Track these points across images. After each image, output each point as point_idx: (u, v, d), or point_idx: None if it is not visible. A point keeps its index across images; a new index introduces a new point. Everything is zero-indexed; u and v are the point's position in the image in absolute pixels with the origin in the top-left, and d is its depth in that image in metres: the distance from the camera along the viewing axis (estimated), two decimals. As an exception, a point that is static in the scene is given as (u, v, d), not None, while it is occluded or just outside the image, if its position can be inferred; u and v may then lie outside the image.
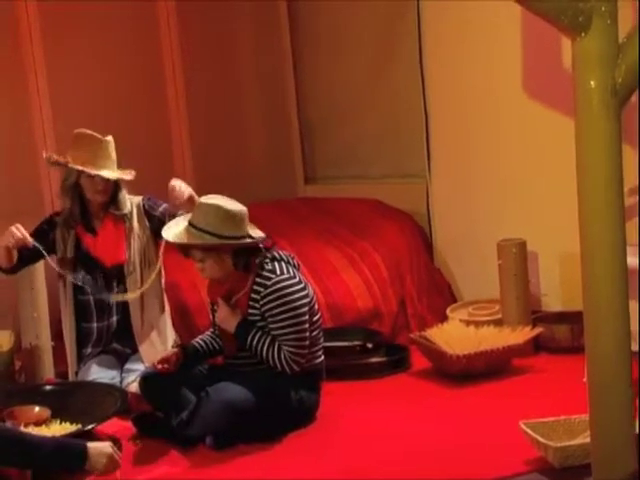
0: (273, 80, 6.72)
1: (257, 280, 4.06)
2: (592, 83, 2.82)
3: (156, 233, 4.53)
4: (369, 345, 4.95)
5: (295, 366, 4.04)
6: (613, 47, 2.82)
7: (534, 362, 4.81)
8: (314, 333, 4.14)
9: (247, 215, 4.09)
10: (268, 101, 6.71)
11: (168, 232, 4.13)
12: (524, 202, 5.30)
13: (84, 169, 4.49)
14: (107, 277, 4.65)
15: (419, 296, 5.59)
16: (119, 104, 5.96)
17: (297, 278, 4.09)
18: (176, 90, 6.24)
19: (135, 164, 4.67)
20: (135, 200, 4.71)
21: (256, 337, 4.03)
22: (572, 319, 4.81)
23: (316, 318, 4.17)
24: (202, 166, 6.30)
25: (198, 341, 4.33)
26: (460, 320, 5.12)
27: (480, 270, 5.49)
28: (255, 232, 4.12)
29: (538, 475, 3.46)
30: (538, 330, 4.89)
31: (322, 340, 4.23)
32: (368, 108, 6.30)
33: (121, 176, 4.57)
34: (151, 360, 4.34)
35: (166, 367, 4.13)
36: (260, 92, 6.67)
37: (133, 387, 4.39)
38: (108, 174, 4.51)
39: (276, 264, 4.08)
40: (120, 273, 4.64)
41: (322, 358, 4.22)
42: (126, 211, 4.66)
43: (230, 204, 4.06)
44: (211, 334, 4.35)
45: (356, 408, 4.35)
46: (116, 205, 4.64)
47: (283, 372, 4.03)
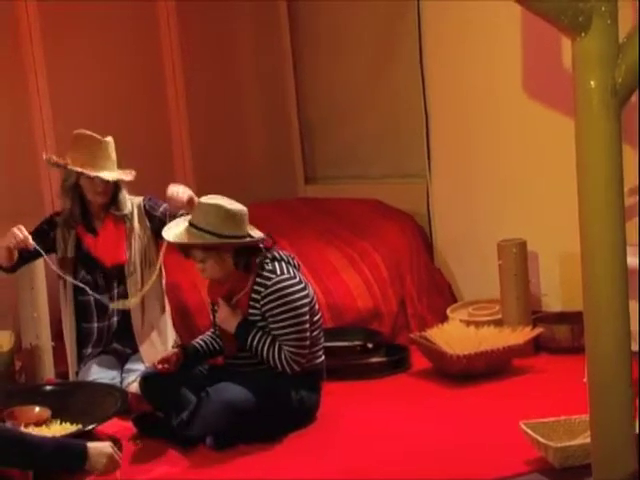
0: (273, 80, 6.72)
1: (257, 280, 4.06)
2: (592, 83, 2.82)
3: (157, 233, 4.52)
4: (369, 345, 4.94)
5: (295, 366, 4.03)
6: (613, 47, 2.82)
7: (534, 362, 4.81)
8: (314, 333, 4.14)
9: (247, 215, 4.09)
10: (268, 101, 6.71)
11: (168, 232, 4.13)
12: (524, 202, 5.29)
13: (83, 171, 4.49)
14: (107, 277, 4.65)
15: (419, 296, 5.59)
16: (119, 104, 5.96)
17: (297, 278, 4.09)
18: (176, 90, 6.24)
19: (135, 164, 4.67)
20: (136, 200, 4.70)
21: (256, 337, 4.03)
22: (572, 319, 4.81)
23: (316, 318, 4.17)
24: (202, 166, 6.30)
25: (198, 341, 4.33)
26: (460, 320, 5.12)
27: (480, 270, 5.49)
28: (255, 232, 4.12)
29: (538, 475, 3.46)
30: (538, 330, 4.89)
31: (322, 340, 4.23)
32: (368, 108, 6.30)
33: (121, 177, 4.56)
34: (151, 360, 4.35)
35: (166, 367, 4.13)
36: (260, 92, 6.66)
37: (133, 387, 4.39)
38: (107, 175, 4.50)
39: (276, 264, 4.08)
40: (120, 273, 4.64)
41: (322, 358, 4.22)
42: (127, 211, 4.65)
43: (230, 204, 4.06)
44: (211, 334, 4.35)
45: (356, 408, 4.35)
46: (116, 206, 4.63)
47: (283, 372, 4.03)
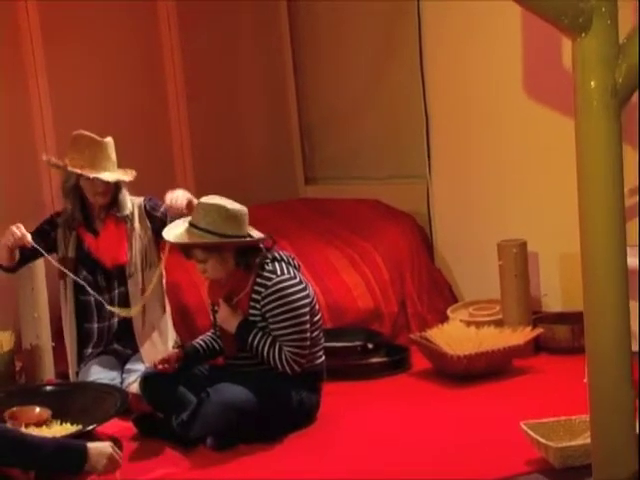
0: (273, 80, 6.71)
1: (258, 281, 4.06)
2: (592, 83, 2.82)
3: (157, 234, 4.52)
4: (370, 345, 4.94)
5: (296, 366, 4.03)
6: (613, 47, 2.82)
7: (534, 362, 4.81)
8: (315, 333, 4.14)
9: (247, 215, 4.09)
10: (268, 101, 6.71)
11: (169, 233, 4.13)
12: (524, 202, 5.30)
13: (82, 172, 4.48)
14: (108, 278, 4.65)
15: (419, 296, 5.59)
16: (119, 104, 5.95)
17: (298, 279, 4.08)
18: (176, 90, 6.23)
19: (135, 165, 4.67)
20: (136, 201, 4.70)
21: (257, 337, 4.03)
22: (572, 319, 4.81)
23: (317, 318, 4.17)
24: (202, 167, 6.30)
25: (199, 342, 4.32)
26: (461, 320, 5.11)
27: (481, 270, 5.49)
28: (254, 233, 4.12)
29: (539, 475, 3.46)
30: (538, 330, 4.89)
31: (323, 340, 4.23)
32: (368, 108, 6.29)
33: (121, 177, 4.56)
34: (152, 361, 4.34)
35: (166, 367, 4.13)
36: (260, 92, 6.66)
37: (134, 388, 4.38)
38: (107, 176, 4.50)
39: (276, 264, 4.08)
40: (121, 274, 4.64)
41: (323, 358, 4.22)
42: (127, 212, 4.65)
43: (230, 204, 4.06)
44: (212, 335, 4.34)
45: (357, 408, 4.35)
46: (117, 206, 4.63)
47: (284, 372, 4.03)
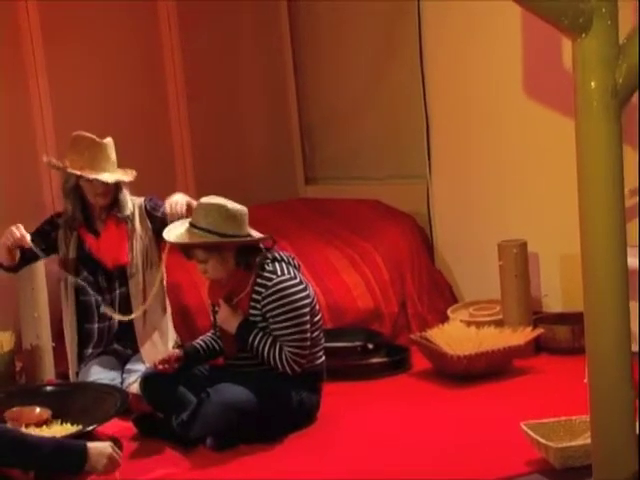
0: (274, 80, 6.71)
1: (258, 281, 4.06)
2: (592, 84, 2.81)
3: (158, 234, 4.50)
4: (370, 346, 4.94)
5: (296, 367, 4.03)
6: (614, 48, 2.82)
7: (535, 363, 4.81)
8: (315, 334, 4.14)
9: (247, 215, 4.09)
10: (269, 101, 6.71)
11: (169, 234, 4.13)
12: (525, 203, 5.30)
13: (82, 174, 4.48)
14: (109, 278, 4.65)
15: (420, 297, 5.59)
16: (120, 104, 5.95)
17: (298, 279, 4.08)
18: (177, 90, 6.23)
19: (136, 165, 4.67)
20: (137, 201, 4.70)
21: (257, 338, 4.03)
22: (573, 320, 4.81)
23: (317, 319, 4.17)
24: (203, 167, 6.30)
25: (199, 342, 4.32)
26: (461, 321, 5.12)
27: (481, 271, 5.49)
28: (254, 233, 4.12)
29: (539, 476, 3.46)
30: (539, 331, 4.89)
31: (323, 341, 4.23)
32: (369, 108, 6.29)
33: (120, 178, 4.56)
34: (153, 361, 4.34)
35: (166, 367, 4.13)
36: (261, 92, 6.66)
37: (134, 388, 4.38)
38: (107, 177, 4.49)
39: (277, 265, 4.08)
40: (122, 275, 4.64)
41: (323, 359, 4.22)
42: (128, 212, 4.65)
43: (231, 203, 4.06)
44: (212, 335, 4.34)
45: (357, 409, 4.35)
46: (118, 207, 4.63)
47: (284, 373, 4.03)
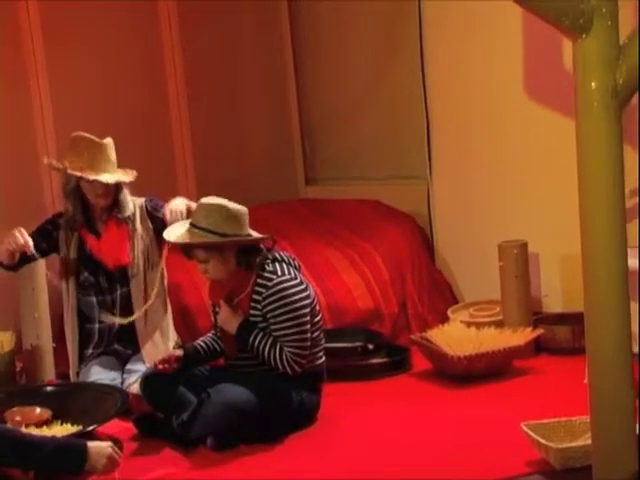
0: (274, 80, 6.71)
1: (258, 281, 4.06)
2: (593, 84, 2.82)
3: (159, 234, 4.51)
4: (370, 346, 4.94)
5: (297, 367, 4.03)
6: (614, 48, 2.82)
7: (535, 363, 4.80)
8: (315, 334, 4.14)
9: (247, 215, 4.09)
10: (269, 102, 6.71)
11: (170, 234, 4.13)
12: (525, 203, 5.30)
13: (82, 175, 4.48)
14: (110, 279, 4.65)
15: (420, 297, 5.58)
16: (120, 105, 5.95)
17: (298, 279, 4.08)
18: (177, 90, 6.23)
19: (136, 165, 4.67)
20: (138, 202, 4.70)
21: (258, 338, 4.03)
22: (573, 320, 4.81)
23: (317, 319, 4.17)
24: (203, 167, 6.30)
25: (199, 343, 4.32)
26: (461, 321, 5.11)
27: (481, 271, 5.49)
28: (254, 234, 4.12)
29: (539, 477, 3.45)
30: (539, 331, 4.89)
31: (323, 341, 4.23)
32: (369, 109, 6.29)
33: (120, 178, 4.56)
34: (153, 361, 4.34)
35: (166, 367, 4.13)
36: (261, 93, 6.66)
37: (134, 388, 4.38)
38: (107, 177, 4.49)
39: (277, 265, 4.08)
40: (123, 275, 4.64)
41: (323, 359, 4.22)
42: (129, 213, 4.65)
43: (231, 204, 4.07)
44: (212, 336, 4.34)
45: (357, 409, 4.35)
46: (118, 207, 4.63)
47: (284, 373, 4.03)
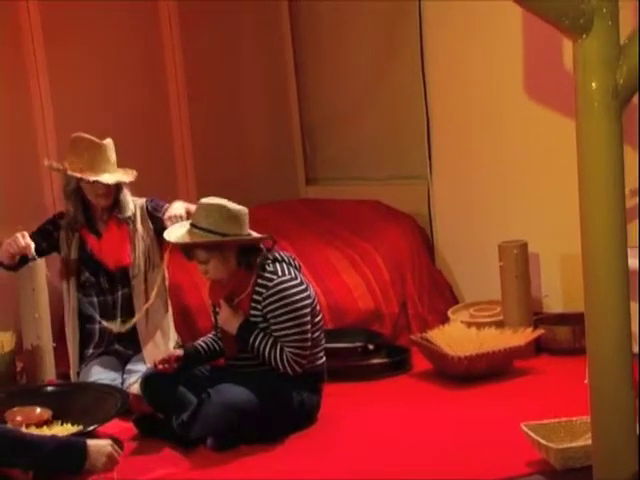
0: (275, 80, 6.71)
1: (259, 281, 4.05)
2: (593, 85, 2.82)
3: (159, 234, 4.51)
4: (370, 346, 4.94)
5: (297, 367, 4.03)
6: (614, 49, 2.82)
7: (535, 364, 4.80)
8: (316, 334, 4.13)
9: (247, 215, 4.09)
10: (269, 102, 6.71)
11: (170, 235, 4.13)
12: (525, 203, 5.30)
13: (82, 176, 4.48)
14: (111, 280, 4.65)
15: (420, 297, 5.58)
16: (121, 105, 5.96)
17: (299, 279, 4.08)
18: (178, 90, 6.24)
19: (137, 165, 4.67)
20: (138, 202, 4.70)
21: (258, 338, 4.03)
22: (573, 320, 4.81)
23: (318, 319, 4.17)
24: (204, 167, 6.30)
25: (200, 343, 4.32)
26: (461, 321, 5.11)
27: (481, 271, 5.49)
28: (254, 235, 4.12)
29: (539, 477, 3.45)
30: (539, 332, 4.89)
31: (324, 341, 4.23)
32: (369, 109, 6.29)
33: (121, 178, 4.56)
34: (153, 361, 4.34)
35: (166, 367, 4.13)
36: (261, 93, 6.66)
37: (134, 388, 4.38)
38: (107, 178, 4.50)
39: (277, 265, 4.08)
40: (124, 276, 4.64)
41: (324, 359, 4.22)
42: (129, 213, 4.65)
43: (231, 204, 4.07)
44: (213, 336, 4.34)
45: (357, 409, 4.35)
46: (119, 207, 4.63)
47: (285, 373, 4.03)
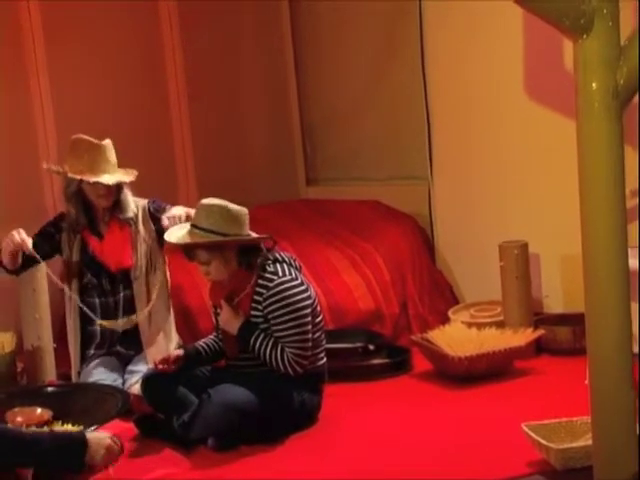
0: (275, 81, 6.72)
1: (259, 282, 4.06)
2: (594, 85, 2.82)
3: (161, 236, 4.50)
4: (371, 347, 4.94)
5: (298, 368, 4.03)
6: (615, 49, 2.82)
7: (536, 364, 4.80)
8: (316, 335, 4.13)
9: (248, 216, 4.09)
10: (270, 102, 6.71)
11: (171, 236, 4.12)
12: (526, 204, 5.30)
13: (83, 178, 4.48)
14: (113, 281, 4.65)
15: (421, 298, 5.58)
16: (121, 104, 5.96)
17: (299, 280, 4.08)
18: (178, 91, 6.24)
19: (137, 165, 4.67)
20: (140, 203, 4.70)
21: (259, 339, 4.03)
22: (574, 321, 4.81)
23: (318, 320, 4.17)
24: (204, 167, 6.31)
25: (201, 344, 4.32)
26: (462, 322, 5.11)
27: (482, 272, 5.49)
28: (255, 235, 4.12)
29: (540, 477, 3.45)
30: (540, 332, 4.89)
31: (324, 342, 4.23)
32: (370, 109, 6.30)
33: (121, 179, 4.55)
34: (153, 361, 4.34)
35: (166, 367, 4.13)
36: (262, 92, 6.67)
37: (135, 389, 4.38)
38: (107, 179, 4.49)
39: (278, 266, 4.08)
40: (126, 277, 4.64)
41: (324, 360, 4.21)
42: (131, 214, 4.64)
43: (231, 204, 4.07)
44: (214, 338, 4.34)
45: (358, 410, 4.35)
46: (120, 208, 4.63)
47: (286, 374, 4.03)
